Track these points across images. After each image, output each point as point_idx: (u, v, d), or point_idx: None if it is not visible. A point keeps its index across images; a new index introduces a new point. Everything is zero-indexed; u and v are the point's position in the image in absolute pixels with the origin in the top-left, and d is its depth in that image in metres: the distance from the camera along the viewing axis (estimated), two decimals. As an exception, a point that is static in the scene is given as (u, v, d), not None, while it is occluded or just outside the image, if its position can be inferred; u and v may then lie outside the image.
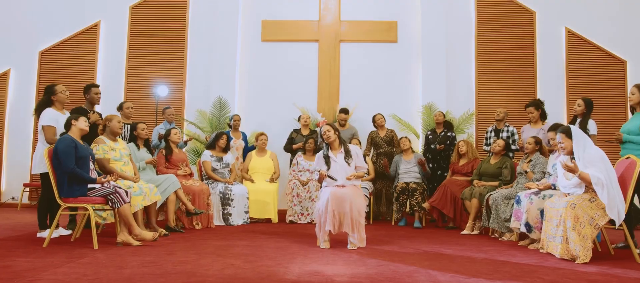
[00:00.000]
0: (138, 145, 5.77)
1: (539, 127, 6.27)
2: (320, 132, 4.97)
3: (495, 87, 8.51)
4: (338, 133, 4.99)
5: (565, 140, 4.32)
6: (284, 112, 8.30)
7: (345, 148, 4.94)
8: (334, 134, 4.90)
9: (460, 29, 8.62)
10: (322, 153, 4.94)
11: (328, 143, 4.92)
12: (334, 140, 4.91)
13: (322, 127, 4.96)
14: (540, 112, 6.27)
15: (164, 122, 7.24)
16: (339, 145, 4.94)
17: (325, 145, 4.94)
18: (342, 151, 4.92)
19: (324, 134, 4.90)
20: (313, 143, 7.00)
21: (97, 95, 5.89)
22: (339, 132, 5.09)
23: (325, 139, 4.90)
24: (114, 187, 4.42)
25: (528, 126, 6.43)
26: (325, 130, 4.90)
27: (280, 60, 8.73)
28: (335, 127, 4.98)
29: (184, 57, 8.69)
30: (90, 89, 5.87)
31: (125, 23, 8.76)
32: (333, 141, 4.91)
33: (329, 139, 4.89)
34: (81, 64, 8.67)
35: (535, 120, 6.29)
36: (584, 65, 8.46)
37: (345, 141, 5.08)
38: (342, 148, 4.93)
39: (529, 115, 6.31)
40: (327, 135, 4.89)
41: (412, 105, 8.55)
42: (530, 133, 6.17)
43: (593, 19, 8.52)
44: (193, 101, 8.61)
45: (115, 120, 5.15)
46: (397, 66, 8.67)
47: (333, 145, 4.93)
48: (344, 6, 8.78)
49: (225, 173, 6.65)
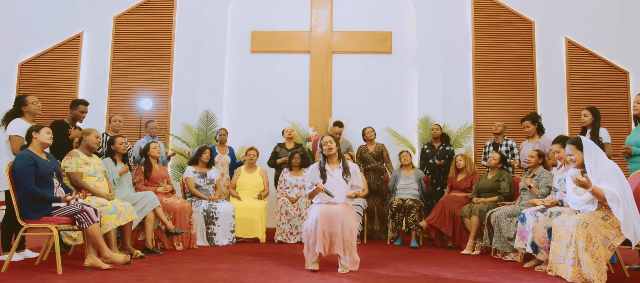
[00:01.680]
0: (115, 160, 5.38)
1: (535, 141, 5.97)
2: (320, 142, 4.60)
3: (494, 99, 8.19)
4: (339, 148, 4.64)
5: (575, 152, 3.98)
6: (273, 126, 7.93)
7: (344, 164, 4.58)
8: (335, 147, 4.55)
9: (457, 40, 8.33)
10: (317, 164, 4.58)
11: (327, 155, 4.55)
12: (334, 153, 4.55)
13: (323, 137, 4.60)
14: (536, 126, 5.98)
15: (146, 135, 6.88)
16: (337, 159, 4.58)
17: (323, 157, 4.57)
18: (340, 166, 4.55)
19: (324, 144, 4.53)
20: (299, 158, 6.62)
21: (82, 114, 5.57)
22: (339, 146, 4.73)
23: (325, 150, 4.53)
24: (82, 205, 4.03)
25: (526, 141, 6.11)
26: (327, 141, 4.53)
27: (270, 72, 8.40)
28: (336, 139, 4.63)
29: (170, 69, 8.34)
30: (77, 104, 5.56)
31: (109, 34, 8.42)
32: (333, 154, 4.55)
33: (330, 151, 4.52)
34: (63, 77, 8.30)
35: (532, 134, 5.99)
36: (585, 76, 8.17)
37: (343, 156, 4.72)
38: (341, 163, 4.57)
39: (526, 130, 6.03)
40: (328, 146, 4.52)
41: (408, 119, 8.21)
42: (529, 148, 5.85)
43: (593, 29, 8.26)
44: (179, 114, 8.24)
45: (93, 135, 4.78)
46: (391, 78, 8.35)
47: (332, 158, 4.57)
48: (337, 16, 8.48)
49: (210, 190, 6.26)
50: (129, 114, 8.09)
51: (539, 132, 6.02)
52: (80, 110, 5.49)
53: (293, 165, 6.62)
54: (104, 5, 8.46)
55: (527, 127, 6.01)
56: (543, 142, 5.80)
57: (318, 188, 4.36)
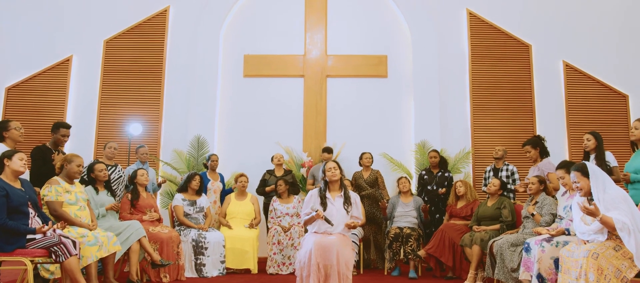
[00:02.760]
0: (97, 189, 5.13)
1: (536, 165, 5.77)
2: (323, 167, 4.38)
3: (492, 123, 8.02)
4: (343, 174, 4.42)
5: (581, 179, 3.78)
6: (266, 152, 7.67)
7: (346, 193, 4.35)
8: (339, 174, 4.33)
9: (454, 63, 8.19)
10: (317, 191, 4.35)
11: (329, 181, 4.33)
12: (338, 180, 4.33)
13: (327, 162, 4.38)
14: (538, 150, 5.78)
15: (136, 162, 6.66)
16: (339, 187, 4.36)
17: (324, 183, 4.34)
18: (342, 195, 4.32)
19: (328, 170, 4.30)
20: (283, 185, 6.38)
21: (64, 138, 5.34)
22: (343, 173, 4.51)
23: (329, 176, 4.30)
24: (59, 237, 3.78)
25: (533, 167, 5.92)
26: (330, 167, 4.31)
27: (263, 97, 8.21)
28: (340, 167, 4.41)
29: (161, 94, 8.14)
30: (59, 128, 5.34)
31: (99, 58, 8.22)
32: (336, 181, 4.32)
33: (334, 177, 4.30)
34: (50, 101, 8.08)
35: (535, 159, 5.79)
36: (584, 100, 8.03)
37: (346, 185, 4.49)
38: (342, 192, 4.34)
39: (527, 155, 5.83)
40: (332, 172, 4.30)
41: (404, 144, 8.02)
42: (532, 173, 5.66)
43: (592, 53, 8.15)
44: (169, 140, 8.01)
45: (75, 163, 4.54)
46: (387, 102, 8.17)
47: (334, 185, 4.34)
48: (331, 40, 8.34)
49: (199, 219, 6.01)
50: (118, 139, 7.82)
51: (542, 155, 5.81)
52: (61, 134, 5.26)
53: (279, 192, 6.39)
54: (94, 29, 8.29)
55: (528, 152, 5.82)
56: (542, 166, 5.60)
57: (318, 214, 4.12)
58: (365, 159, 6.88)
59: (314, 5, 8.40)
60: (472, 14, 8.26)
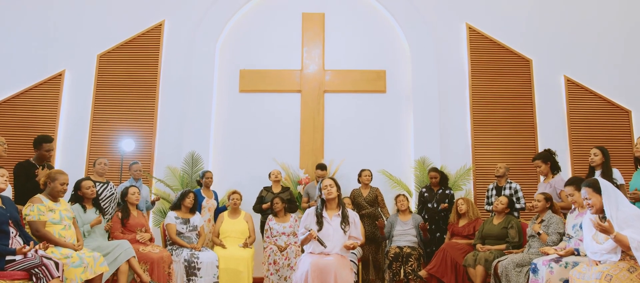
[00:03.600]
0: (84, 207, 4.92)
1: (547, 182, 5.58)
2: (320, 185, 4.19)
3: (493, 139, 7.85)
4: (340, 192, 4.22)
5: (592, 196, 3.60)
6: (262, 169, 7.48)
7: (344, 212, 4.15)
8: (336, 192, 4.13)
9: (453, 78, 8.04)
10: (314, 209, 4.15)
11: (326, 200, 4.13)
12: (334, 198, 4.13)
13: (324, 179, 4.19)
14: (549, 165, 5.58)
15: (130, 179, 6.46)
16: (337, 206, 4.16)
17: (321, 202, 4.15)
18: (340, 214, 4.13)
19: (324, 188, 4.12)
20: (280, 202, 6.18)
21: (47, 153, 5.10)
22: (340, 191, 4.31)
23: (325, 194, 4.11)
24: (41, 258, 3.57)
25: (541, 182, 5.74)
26: (327, 184, 4.12)
27: (259, 113, 8.03)
28: (338, 184, 4.21)
29: (155, 109, 7.96)
30: (41, 143, 5.09)
31: (92, 73, 8.04)
32: (333, 199, 4.13)
33: (330, 195, 4.11)
34: (41, 117, 7.87)
35: (545, 174, 5.59)
36: (586, 115, 7.88)
37: (344, 203, 4.29)
38: (340, 211, 4.15)
39: (537, 170, 5.62)
40: (328, 190, 4.11)
41: (404, 160, 7.83)
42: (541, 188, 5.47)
43: (593, 67, 8.02)
44: (163, 157, 7.81)
45: (59, 182, 4.33)
46: (386, 118, 8.01)
47: (331, 204, 4.14)
48: (329, 54, 8.20)
49: (192, 238, 5.79)
50: (110, 155, 7.64)
51: (553, 170, 5.62)
52: (45, 149, 5.03)
53: (276, 210, 6.19)
54: (88, 43, 8.13)
55: (539, 167, 5.62)
56: (554, 183, 5.40)
57: (311, 235, 3.93)
58: (364, 176, 6.68)
59: (311, 19, 8.27)
60: (472, 28, 8.15)
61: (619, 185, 4.79)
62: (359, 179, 6.76)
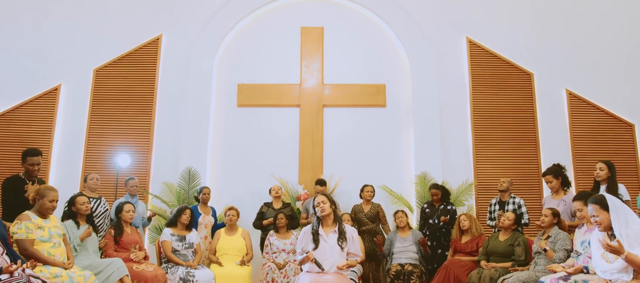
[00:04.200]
0: (78, 223, 4.78)
1: (561, 197, 5.41)
2: (313, 203, 4.06)
3: (495, 154, 7.73)
4: (335, 207, 4.08)
5: (600, 213, 3.46)
6: (261, 185, 7.36)
7: (340, 228, 4.01)
8: (329, 207, 3.99)
9: (454, 92, 7.95)
10: (310, 228, 4.02)
11: (321, 217, 4.00)
12: (329, 214, 3.99)
13: (317, 196, 4.06)
14: (560, 180, 5.43)
15: (125, 195, 6.33)
16: (333, 222, 4.02)
17: (317, 220, 4.02)
18: (336, 231, 3.99)
19: (317, 205, 3.99)
20: (284, 219, 6.04)
21: (32, 167, 4.92)
22: (336, 206, 4.18)
23: (319, 212, 3.98)
24: (28, 277, 3.42)
25: (549, 196, 5.59)
26: (319, 201, 3.99)
27: (257, 127, 7.92)
28: (331, 199, 4.08)
29: (151, 124, 7.84)
30: (26, 157, 4.93)
31: (88, 87, 7.94)
32: (327, 216, 3.99)
33: (324, 212, 3.97)
34: (36, 132, 7.75)
35: (556, 189, 5.44)
36: (589, 129, 7.77)
37: (340, 219, 4.16)
38: (337, 227, 4.01)
39: (548, 185, 5.47)
40: (321, 207, 3.97)
41: (404, 175, 7.70)
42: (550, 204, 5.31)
43: (595, 81, 7.93)
44: (159, 172, 7.68)
45: (48, 198, 4.18)
46: (386, 132, 7.90)
47: (326, 220, 4.01)
48: (328, 68, 8.11)
49: (188, 255, 5.63)
50: (106, 171, 7.53)
51: (564, 186, 5.48)
52: (29, 163, 4.85)
53: (278, 226, 6.05)
54: (84, 57, 8.04)
55: (550, 182, 5.46)
56: (568, 200, 5.23)
57: (308, 257, 3.79)
58: (366, 192, 6.57)
59: (310, 33, 8.21)
60: (472, 42, 8.08)
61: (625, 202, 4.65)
62: (361, 195, 6.64)
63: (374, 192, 6.63)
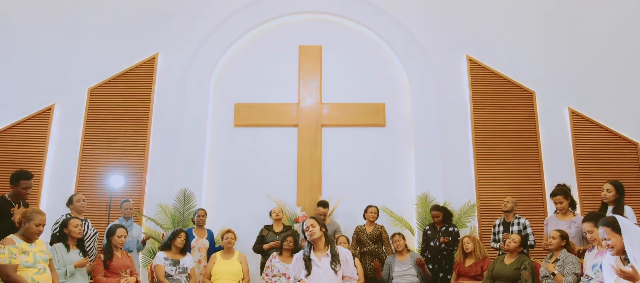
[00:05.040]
0: (68, 246, 4.59)
1: (570, 219, 5.22)
2: (303, 227, 3.88)
3: (497, 174, 7.56)
4: (325, 230, 3.90)
5: (612, 236, 3.29)
6: (258, 207, 7.19)
7: (333, 251, 3.83)
8: (319, 231, 3.81)
9: (455, 111, 7.82)
10: (301, 254, 3.84)
11: (311, 241, 3.82)
12: (319, 237, 3.81)
13: (306, 220, 3.88)
14: (569, 201, 5.26)
15: (120, 217, 6.16)
16: (325, 245, 3.84)
17: (308, 244, 3.84)
18: (328, 254, 3.80)
19: (306, 229, 3.80)
20: (292, 242, 5.84)
21: (24, 190, 4.78)
22: (326, 228, 3.99)
23: (308, 235, 3.80)
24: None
25: (553, 216, 5.40)
26: (309, 225, 3.81)
27: (254, 147, 7.77)
28: (321, 222, 3.90)
29: (146, 144, 7.68)
30: (18, 179, 4.78)
31: (82, 107, 7.80)
32: (318, 239, 3.81)
33: (313, 235, 3.79)
34: (28, 153, 7.58)
35: (565, 211, 5.26)
36: (592, 148, 7.61)
37: (333, 241, 3.97)
38: (329, 250, 3.82)
39: (558, 206, 5.29)
40: (310, 231, 3.79)
41: (405, 196, 7.53)
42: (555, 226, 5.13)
43: (598, 99, 7.81)
44: (154, 194, 7.48)
45: (35, 222, 3.99)
46: (386, 152, 7.75)
47: (317, 244, 3.83)
48: (326, 88, 7.99)
49: (182, 281, 5.42)
50: (99, 192, 7.35)
51: (571, 207, 5.30)
52: (22, 187, 4.72)
53: (284, 249, 5.83)
54: (79, 77, 7.91)
55: (560, 203, 5.28)
56: (579, 221, 5.03)
57: None
58: (370, 213, 6.43)
59: (308, 52, 8.11)
60: (472, 60, 7.98)
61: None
62: (364, 215, 6.51)
63: (377, 213, 6.49)
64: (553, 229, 4.85)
